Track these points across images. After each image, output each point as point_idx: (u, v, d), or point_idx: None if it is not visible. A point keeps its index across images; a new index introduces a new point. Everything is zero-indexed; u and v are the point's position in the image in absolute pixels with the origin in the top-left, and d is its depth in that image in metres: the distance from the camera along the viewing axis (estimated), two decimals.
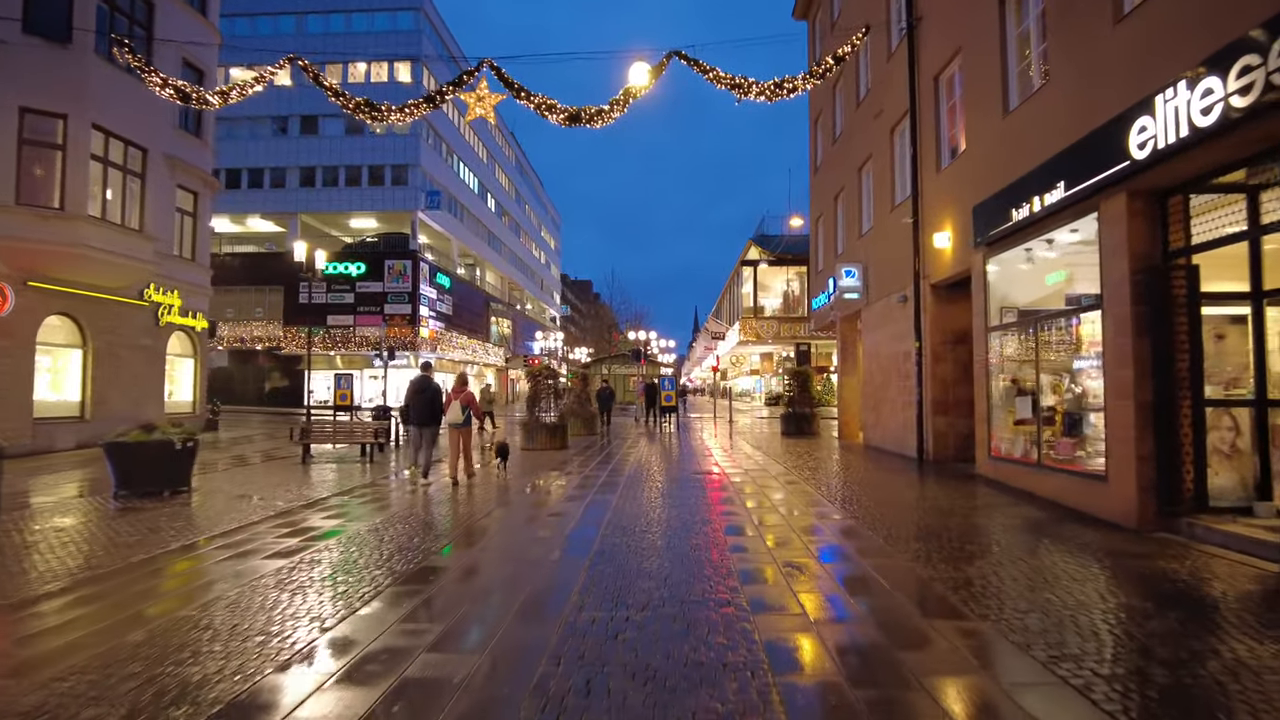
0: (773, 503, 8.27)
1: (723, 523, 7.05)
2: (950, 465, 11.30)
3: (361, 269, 37.32)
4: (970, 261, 10.15)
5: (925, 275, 11.90)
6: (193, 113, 19.77)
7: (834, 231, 18.34)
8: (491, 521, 7.27)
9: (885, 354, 14.12)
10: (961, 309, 11.70)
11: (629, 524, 6.99)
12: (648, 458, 13.49)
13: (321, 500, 8.63)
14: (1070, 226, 7.94)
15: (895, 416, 13.47)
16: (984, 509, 7.69)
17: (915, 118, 12.19)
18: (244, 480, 10.64)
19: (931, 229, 11.52)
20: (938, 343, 11.80)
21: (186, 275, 19.24)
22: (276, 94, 39.48)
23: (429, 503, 8.46)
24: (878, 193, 14.65)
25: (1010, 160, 8.88)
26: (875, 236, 14.81)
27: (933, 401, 11.74)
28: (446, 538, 6.46)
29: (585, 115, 12.11)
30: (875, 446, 14.63)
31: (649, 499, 8.52)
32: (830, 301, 17.76)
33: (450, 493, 9.23)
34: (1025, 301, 9.47)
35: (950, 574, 5.08)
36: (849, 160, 16.61)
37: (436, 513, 7.78)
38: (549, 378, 15.53)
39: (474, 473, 10.62)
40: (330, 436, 13.55)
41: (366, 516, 7.55)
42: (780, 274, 43.05)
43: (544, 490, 9.48)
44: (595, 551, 5.87)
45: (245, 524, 7.18)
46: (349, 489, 9.58)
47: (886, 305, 13.93)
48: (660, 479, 10.36)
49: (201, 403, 20.26)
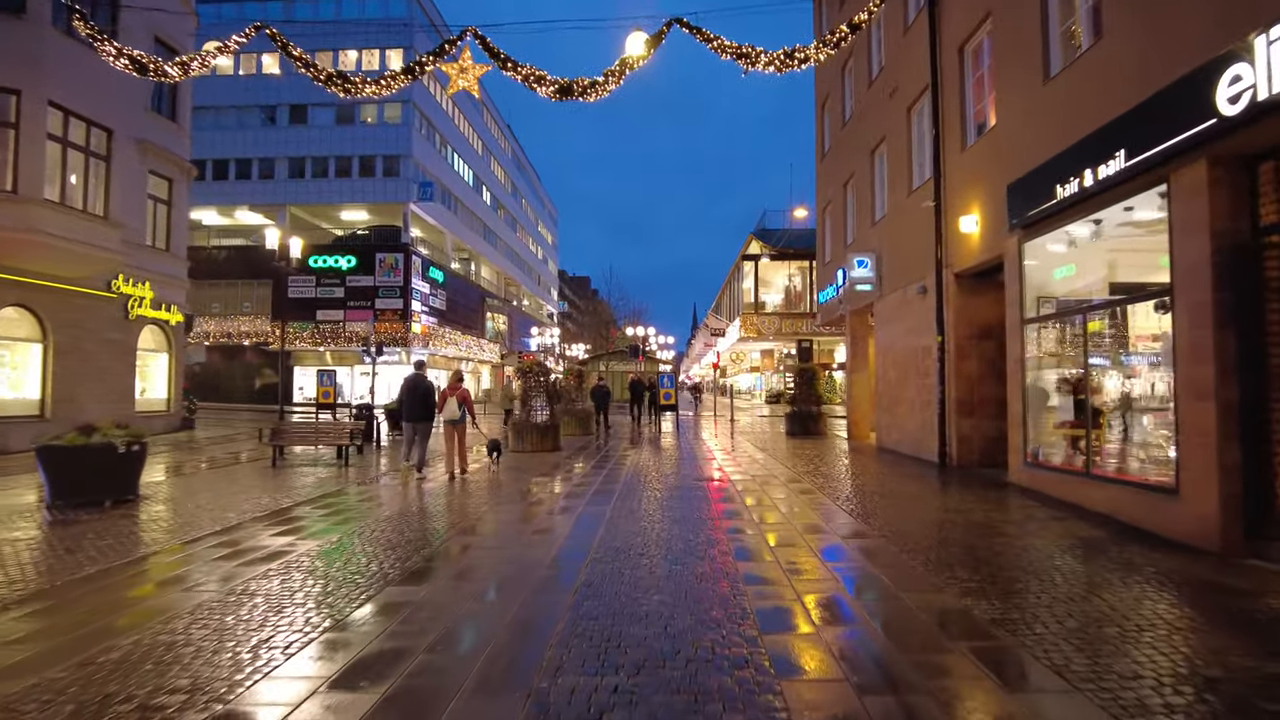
0: (785, 516, 7.32)
1: (731, 543, 6.09)
2: (976, 471, 10.35)
3: (352, 263, 36.27)
4: (1002, 247, 9.19)
5: (948, 263, 10.94)
6: (167, 95, 18.77)
7: (843, 220, 17.36)
8: (464, 542, 6.31)
9: (901, 349, 13.16)
10: (989, 300, 10.75)
11: (623, 544, 6.03)
12: (645, 461, 12.53)
13: (281, 512, 7.66)
14: (1125, 204, 6.98)
15: (913, 417, 12.52)
16: (1028, 525, 6.73)
17: (937, 93, 11.22)
18: (203, 487, 9.68)
19: (956, 213, 10.56)
20: (962, 337, 10.84)
21: (160, 266, 18.23)
22: (264, 83, 38.43)
23: (397, 516, 7.49)
24: (893, 176, 13.67)
25: (1052, 132, 7.91)
26: (890, 223, 13.84)
27: (956, 401, 10.79)
28: (407, 563, 5.49)
29: (578, 87, 11.10)
30: (890, 449, 13.68)
31: (646, 511, 7.56)
32: (839, 294, 16.80)
33: (422, 504, 8.27)
34: (1066, 290, 8.52)
35: (1017, 616, 4.12)
36: (860, 143, 15.63)
37: (403, 530, 6.81)
38: (540, 374, 14.55)
39: (467, 468, 10.74)
40: (302, 438, 12.58)
41: (323, 533, 6.58)
42: (782, 269, 42.10)
43: (531, 500, 8.52)
44: (582, 583, 4.91)
45: (183, 542, 6.22)
46: (315, 497, 8.61)
47: (903, 297, 12.96)
48: (658, 486, 9.41)
49: (176, 400, 19.27)
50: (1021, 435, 8.76)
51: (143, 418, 17.64)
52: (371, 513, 7.64)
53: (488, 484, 9.82)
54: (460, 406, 10.39)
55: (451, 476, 10.19)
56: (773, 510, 7.66)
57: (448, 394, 10.44)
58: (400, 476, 10.18)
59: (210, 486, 9.67)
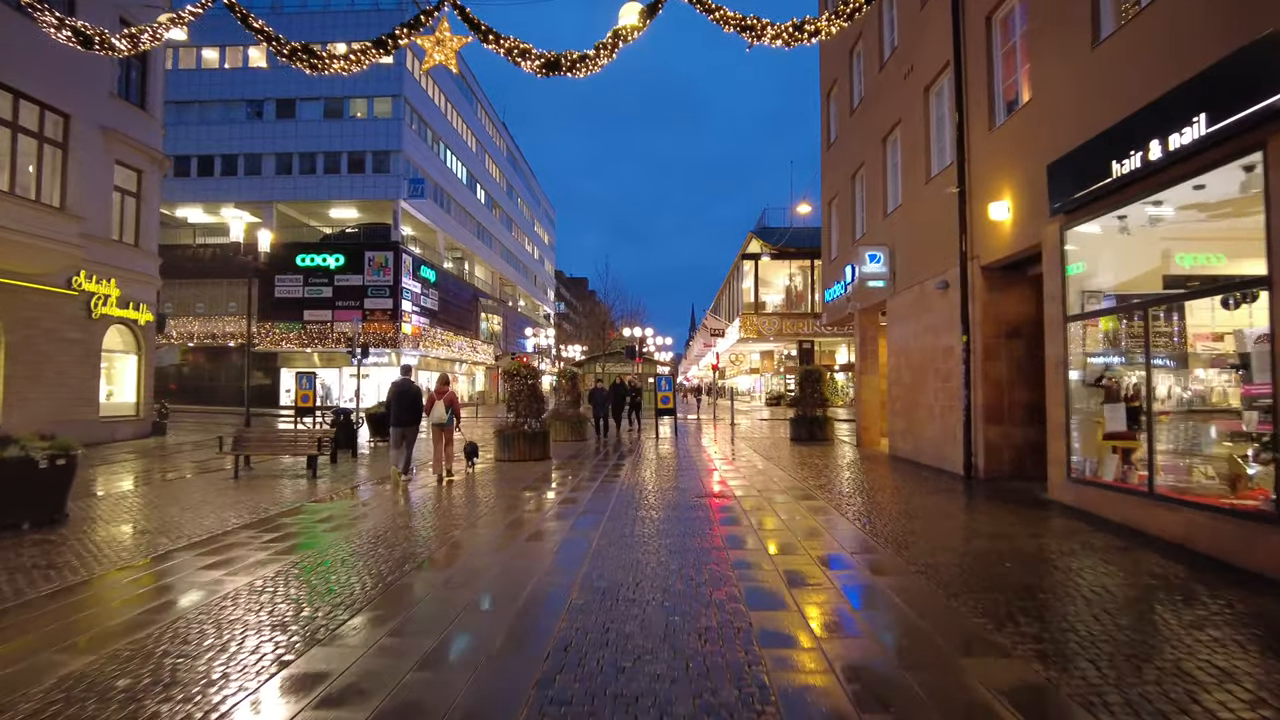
0: (800, 544, 6.31)
1: (740, 582, 5.08)
2: (1006, 485, 9.35)
3: (340, 261, 35.26)
4: (1040, 235, 8.20)
5: (974, 255, 9.95)
6: (136, 81, 17.75)
7: (851, 213, 16.38)
8: (420, 579, 5.29)
9: (918, 350, 12.17)
10: (1020, 295, 9.78)
11: (611, 583, 5.02)
12: (641, 473, 11.53)
13: (221, 537, 6.64)
14: (1195, 181, 6.00)
15: (932, 423, 11.52)
16: (1087, 556, 5.73)
17: (960, 69, 10.24)
18: (148, 504, 8.65)
19: (983, 199, 9.57)
20: (990, 336, 9.86)
21: (127, 262, 17.20)
22: (250, 76, 37.39)
23: (349, 543, 6.47)
24: (908, 164, 12.69)
25: (1103, 102, 6.93)
26: (904, 215, 12.86)
27: (983, 407, 9.80)
28: (344, 611, 4.48)
29: (565, 61, 10.06)
30: (905, 458, 12.68)
31: (640, 537, 6.55)
32: (848, 291, 15.81)
33: (382, 528, 7.25)
34: (1117, 283, 7.54)
35: (1115, 697, 3.12)
36: (871, 130, 14.65)
37: (351, 562, 5.79)
38: (529, 378, 13.54)
39: (454, 471, 10.80)
40: (267, 447, 11.54)
41: (258, 567, 5.56)
42: (782, 268, 41.15)
43: (509, 521, 7.51)
44: (556, 644, 3.89)
45: (89, 579, 5.19)
46: (269, 517, 7.59)
47: (920, 293, 11.98)
48: (654, 504, 8.40)
49: (146, 404, 18.22)
50: (1064, 446, 7.76)
51: (107, 423, 16.64)
52: (322, 539, 6.62)
53: (464, 499, 8.82)
54: (448, 410, 10.48)
55: (440, 479, 10.30)
56: (784, 535, 6.66)
57: (435, 397, 10.51)
58: (394, 480, 10.11)
59: (156, 504, 8.64)
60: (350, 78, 37.83)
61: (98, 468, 12.24)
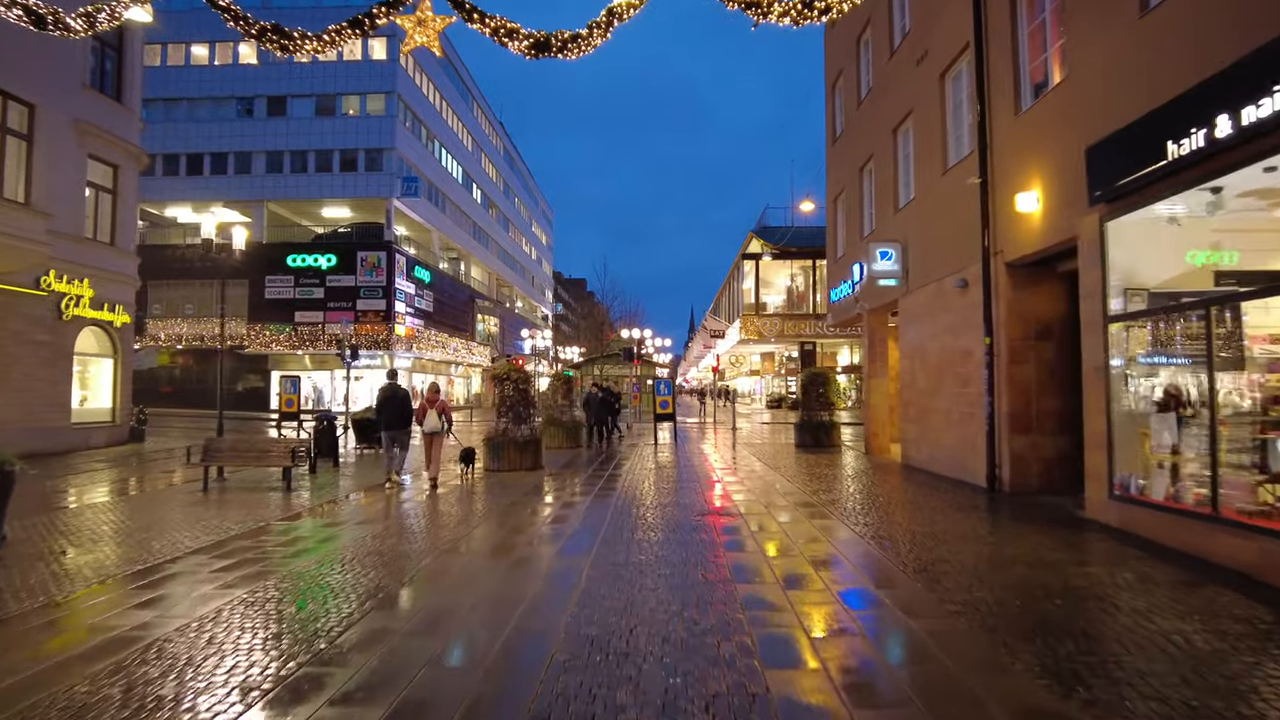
0: (819, 575, 5.57)
1: (754, 628, 4.34)
2: (1035, 501, 8.61)
3: (332, 261, 34.50)
4: (1075, 227, 7.46)
5: (997, 251, 9.22)
6: (111, 72, 17.00)
7: (860, 209, 15.64)
8: (379, 624, 4.54)
9: (934, 352, 11.43)
10: (1048, 293, 9.05)
11: (602, 630, 4.28)
12: (638, 486, 10.78)
13: (167, 565, 5.89)
14: (1266, 163, 5.27)
15: (950, 431, 10.78)
16: (1152, 593, 4.99)
17: (982, 51, 9.51)
18: (100, 523, 7.88)
19: (1009, 189, 8.84)
20: (1015, 338, 9.12)
21: (102, 261, 16.44)
22: (241, 73, 36.64)
23: (307, 575, 5.72)
24: (921, 155, 11.96)
25: (1155, 76, 6.21)
26: (918, 209, 12.12)
27: (1009, 415, 9.06)
28: (290, 662, 3.73)
29: (556, 42, 9.27)
30: (919, 468, 11.94)
31: (636, 567, 5.80)
32: (856, 291, 15.08)
33: (347, 555, 6.50)
34: (1163, 279, 6.82)
35: None
36: (881, 121, 13.92)
37: (307, 601, 5.04)
38: (520, 381, 12.79)
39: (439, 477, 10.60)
40: (239, 457, 10.78)
41: (202, 602, 4.81)
42: (784, 268, 40.45)
43: (491, 544, 6.77)
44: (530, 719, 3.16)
45: (7, 618, 4.45)
46: (227, 539, 6.83)
47: (937, 292, 11.24)
48: (653, 524, 7.65)
49: (123, 409, 17.44)
50: (1105, 460, 7.02)
51: (80, 430, 15.88)
52: (280, 568, 5.86)
53: (444, 518, 8.07)
54: (441, 417, 10.52)
55: (433, 485, 10.29)
56: (797, 563, 5.91)
57: (427, 405, 10.53)
58: (392, 486, 10.28)
59: (107, 523, 7.88)
60: (343, 74, 37.18)
61: (61, 479, 11.49)
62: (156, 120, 36.69)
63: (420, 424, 10.54)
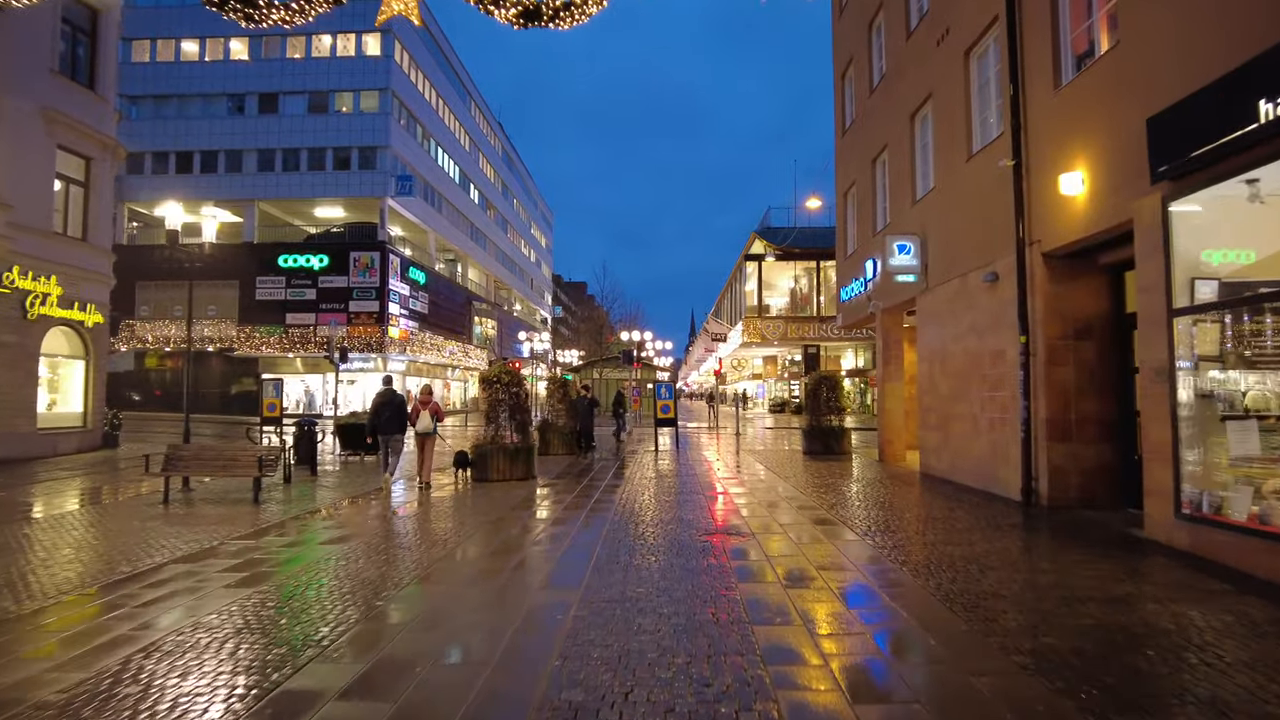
0: (852, 614, 4.69)
1: (780, 692, 3.45)
2: (1079, 517, 7.73)
3: (324, 262, 33.66)
4: (1130, 209, 6.60)
5: (1033, 240, 8.36)
6: (84, 59, 16.18)
7: (872, 203, 14.79)
8: (321, 679, 3.66)
9: (958, 353, 10.56)
10: (1090, 287, 8.20)
11: (589, 699, 3.39)
12: (637, 499, 9.91)
13: (84, 601, 5.01)
14: None
15: (976, 439, 9.91)
16: (1257, 638, 4.11)
17: (1014, 22, 8.66)
18: (36, 542, 7.00)
19: (1048, 172, 7.99)
20: (1054, 337, 8.25)
21: (73, 258, 15.60)
22: (233, 69, 35.87)
23: (245, 614, 4.84)
24: (943, 141, 11.11)
25: (1245, 23, 5.36)
26: (939, 199, 11.27)
27: (1047, 422, 8.18)
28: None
29: (547, 10, 8.51)
30: (941, 477, 11.06)
31: (634, 604, 4.93)
32: (868, 289, 14.23)
33: (303, 583, 5.62)
34: (1238, 268, 5.95)
35: None
36: (896, 107, 13.08)
37: (232, 650, 4.17)
38: (512, 384, 11.90)
39: (430, 480, 10.82)
40: (202, 467, 9.90)
41: (102, 654, 3.94)
42: (787, 269, 39.61)
43: (464, 575, 5.89)
44: None
45: None
46: (165, 564, 5.96)
47: (961, 288, 10.38)
48: (654, 546, 6.77)
49: (96, 413, 16.57)
50: (1171, 474, 6.14)
51: (47, 436, 15.02)
52: (210, 602, 4.98)
53: (417, 538, 7.20)
54: (432, 419, 10.85)
55: (425, 485, 10.57)
56: (825, 597, 5.03)
57: (419, 407, 10.82)
58: (385, 487, 10.50)
59: (42, 542, 7.00)
60: (336, 71, 36.15)
61: (12, 490, 10.62)
62: (146, 117, 35.96)
63: (414, 425, 10.79)
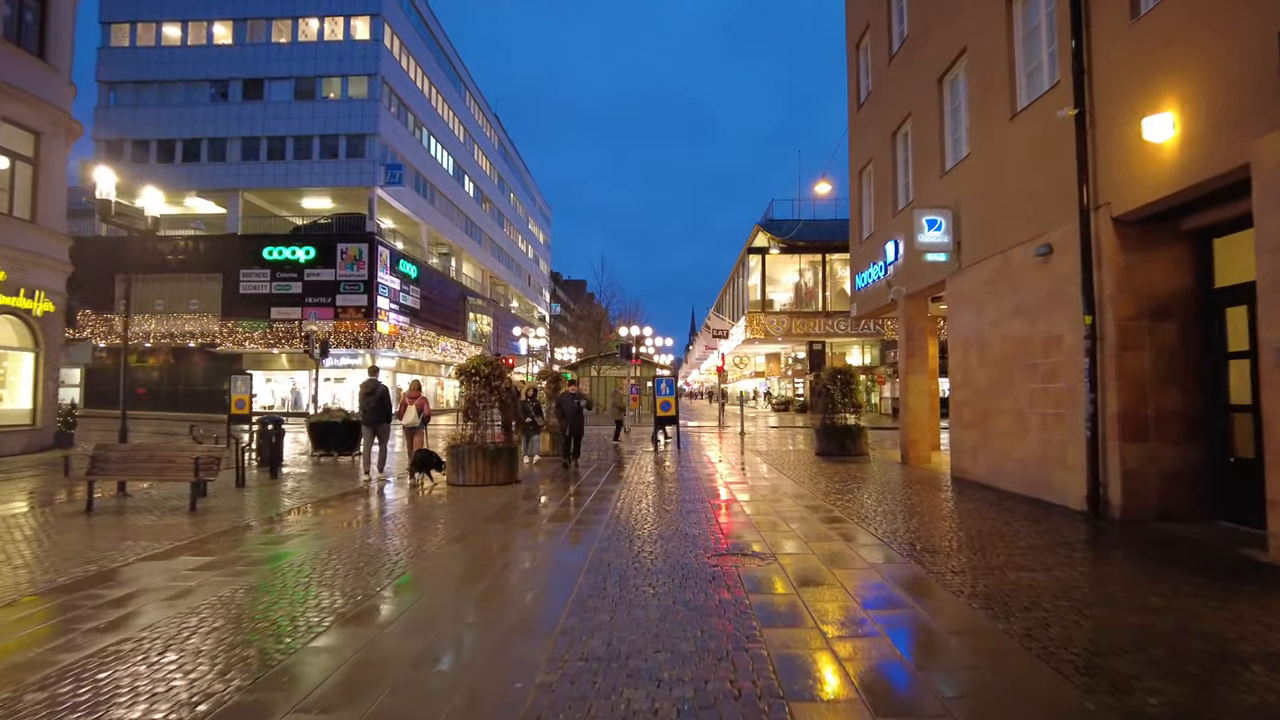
0: (920, 673, 3.41)
1: None
2: (1163, 532, 6.44)
3: (311, 254, 32.35)
4: (1248, 152, 5.31)
5: (1101, 203, 7.07)
6: (32, 25, 14.88)
7: (892, 180, 13.49)
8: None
9: (1000, 341, 9.28)
10: (1170, 259, 6.95)
11: None
12: (633, 509, 8.62)
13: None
14: None
15: (1024, 439, 8.62)
16: None
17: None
18: None
19: (1120, 120, 6.70)
20: (1126, 317, 6.96)
21: (17, 241, 14.31)
22: (216, 54, 34.55)
23: (112, 667, 3.55)
24: (979, 101, 9.82)
25: None
26: (976, 166, 9.98)
27: (1119, 418, 6.89)
28: None
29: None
30: (979, 483, 9.77)
31: (622, 662, 3.64)
32: (889, 274, 12.95)
33: (221, 620, 4.32)
34: None
35: None
36: (922, 71, 11.78)
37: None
38: (494, 377, 10.60)
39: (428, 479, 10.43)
40: (129, 470, 8.60)
41: None
42: (791, 263, 38.34)
43: (409, 622, 4.60)
44: None
45: None
46: (47, 593, 4.67)
47: (1002, 266, 9.09)
48: (652, 570, 5.49)
49: (47, 410, 15.28)
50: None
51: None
52: (59, 658, 3.69)
53: (362, 562, 5.89)
54: (419, 414, 11.08)
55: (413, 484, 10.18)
56: (877, 649, 3.74)
57: (407, 402, 11.17)
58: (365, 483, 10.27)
59: None
60: (323, 55, 34.77)
61: None
62: (125, 104, 34.68)
63: (400, 419, 11.04)
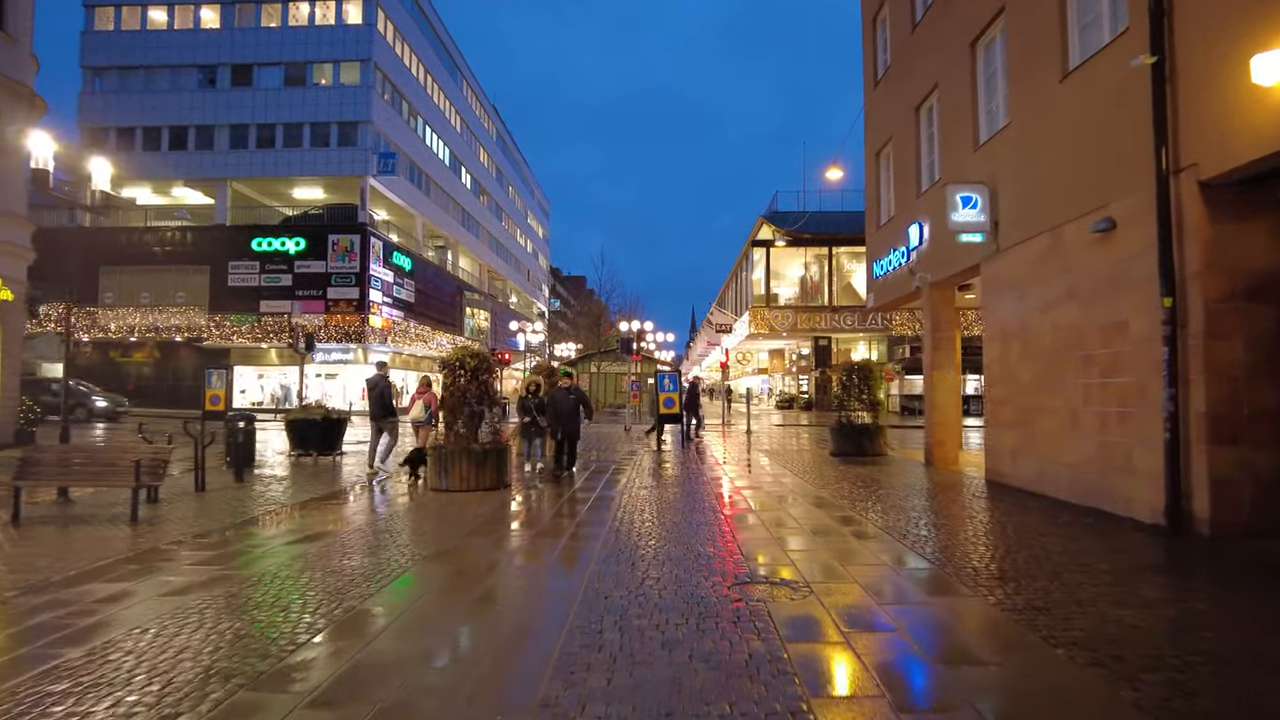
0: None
1: None
2: (1267, 550, 5.43)
3: (301, 245, 31.32)
4: None
5: (1184, 166, 6.05)
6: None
7: (915, 159, 12.46)
8: None
9: (1048, 330, 8.26)
10: (1271, 227, 5.90)
11: None
12: (633, 520, 7.61)
13: None
14: None
15: (1078, 440, 7.60)
16: None
17: None
18: None
19: (1213, 66, 5.68)
20: (1216, 298, 5.95)
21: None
22: (204, 39, 33.49)
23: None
24: (1020, 64, 8.79)
25: None
26: (1016, 136, 8.95)
27: (1209, 417, 5.88)
28: None
29: None
30: (1023, 489, 8.76)
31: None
32: (911, 260, 11.93)
33: (109, 675, 3.31)
34: None
35: None
36: (950, 36, 10.75)
37: None
38: (481, 370, 9.60)
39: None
40: (68, 475, 7.59)
41: None
42: (796, 257, 37.35)
43: (361, 670, 3.58)
44: None
45: None
46: None
47: (1051, 244, 8.07)
48: (660, 605, 4.48)
49: (6, 407, 14.28)
50: None
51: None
52: None
53: (311, 587, 4.88)
54: (426, 409, 11.01)
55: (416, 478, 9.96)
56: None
57: (416, 397, 11.29)
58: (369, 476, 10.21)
59: None
60: (314, 41, 33.42)
61: None
62: (110, 91, 33.65)
63: (407, 414, 11.23)
